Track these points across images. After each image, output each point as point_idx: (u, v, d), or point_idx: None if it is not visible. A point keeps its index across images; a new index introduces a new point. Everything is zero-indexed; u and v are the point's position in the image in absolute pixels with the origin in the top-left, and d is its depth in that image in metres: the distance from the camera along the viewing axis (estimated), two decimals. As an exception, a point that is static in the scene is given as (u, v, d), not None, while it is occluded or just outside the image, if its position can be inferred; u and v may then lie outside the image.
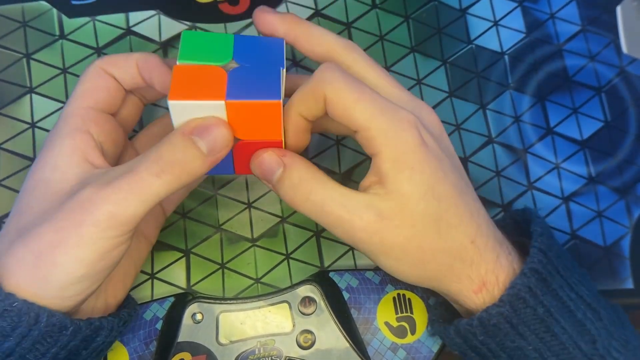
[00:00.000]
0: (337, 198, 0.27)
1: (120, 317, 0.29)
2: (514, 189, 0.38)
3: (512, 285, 0.27)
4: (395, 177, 0.27)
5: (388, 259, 0.28)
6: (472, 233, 0.28)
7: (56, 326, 0.25)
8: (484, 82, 0.40)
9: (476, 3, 0.41)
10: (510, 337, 0.27)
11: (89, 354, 0.28)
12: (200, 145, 0.26)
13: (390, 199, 0.27)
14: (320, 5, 0.40)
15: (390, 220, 0.27)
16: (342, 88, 0.27)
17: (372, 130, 0.27)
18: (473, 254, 0.28)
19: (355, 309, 0.35)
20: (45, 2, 0.39)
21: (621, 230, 0.38)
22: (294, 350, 0.34)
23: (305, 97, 0.28)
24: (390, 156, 0.27)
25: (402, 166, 0.27)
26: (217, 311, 0.34)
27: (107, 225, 0.25)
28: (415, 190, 0.27)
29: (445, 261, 0.28)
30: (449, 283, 0.28)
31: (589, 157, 0.39)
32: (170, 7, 0.39)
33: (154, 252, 0.35)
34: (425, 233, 0.27)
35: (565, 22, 0.41)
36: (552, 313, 0.27)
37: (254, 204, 0.37)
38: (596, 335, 0.27)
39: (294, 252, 0.36)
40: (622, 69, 0.41)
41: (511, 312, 0.27)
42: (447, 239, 0.27)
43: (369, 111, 0.27)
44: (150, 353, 0.33)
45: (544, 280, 0.27)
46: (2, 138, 0.36)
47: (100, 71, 0.30)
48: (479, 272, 0.28)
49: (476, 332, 0.28)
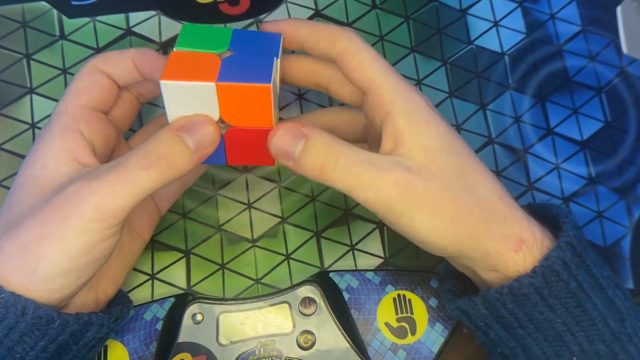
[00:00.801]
0: (366, 159, 0.27)
1: (112, 313, 0.29)
2: (514, 189, 0.38)
3: (546, 257, 0.26)
4: (413, 130, 0.27)
5: (424, 217, 0.27)
6: (497, 189, 0.28)
7: (43, 319, 0.25)
8: (484, 83, 0.40)
9: (476, 3, 0.41)
10: (540, 308, 0.27)
11: (79, 349, 0.28)
12: (188, 142, 0.26)
13: (413, 156, 0.27)
14: (320, 5, 0.40)
15: (420, 174, 0.27)
16: (359, 44, 0.28)
17: (385, 87, 0.27)
18: (505, 210, 0.27)
19: (356, 309, 0.35)
20: (45, 3, 0.39)
21: (621, 230, 0.38)
22: (294, 350, 0.34)
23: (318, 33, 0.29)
24: (404, 110, 0.27)
25: (417, 120, 0.27)
26: (217, 312, 0.34)
27: (93, 217, 0.25)
28: (434, 142, 0.27)
29: (480, 215, 0.27)
30: (486, 241, 0.27)
31: (589, 157, 0.39)
32: (170, 7, 0.39)
33: (154, 252, 0.35)
34: (456, 185, 0.27)
35: (565, 23, 0.41)
36: (585, 288, 0.26)
37: (254, 205, 0.37)
38: (625, 314, 0.27)
39: (294, 252, 0.36)
40: (622, 69, 0.41)
41: (543, 284, 0.26)
42: (476, 193, 0.27)
43: (382, 69, 0.28)
44: (151, 354, 0.33)
45: (579, 255, 0.27)
46: (2, 138, 0.36)
47: (93, 69, 0.30)
48: (514, 229, 0.27)
49: (505, 300, 0.27)
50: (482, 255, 0.27)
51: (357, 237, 0.36)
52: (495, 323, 0.28)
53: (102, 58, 0.30)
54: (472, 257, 0.28)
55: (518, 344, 0.28)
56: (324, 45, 0.29)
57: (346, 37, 0.29)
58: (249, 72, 0.27)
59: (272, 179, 0.37)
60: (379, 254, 0.36)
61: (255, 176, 0.37)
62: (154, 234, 0.35)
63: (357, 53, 0.28)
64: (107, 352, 0.33)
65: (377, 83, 0.28)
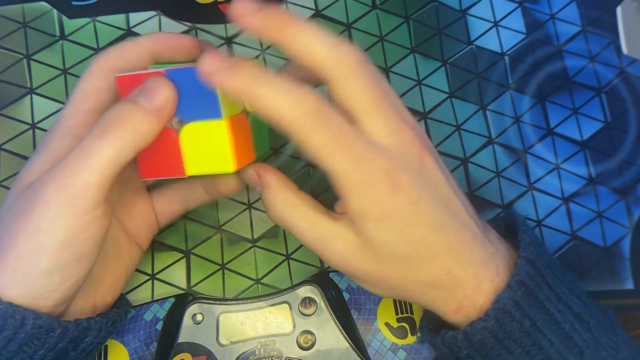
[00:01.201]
0: (308, 227, 0.27)
1: (109, 317, 0.29)
2: (514, 189, 0.38)
3: (497, 299, 0.26)
4: (361, 224, 0.26)
5: (360, 282, 0.29)
6: (447, 266, 0.26)
7: (43, 328, 0.25)
8: (484, 83, 0.40)
9: (476, 4, 0.41)
10: (496, 351, 0.27)
11: (77, 355, 0.27)
12: (141, 102, 0.26)
13: (357, 235, 0.26)
14: (320, 5, 0.40)
15: (356, 254, 0.27)
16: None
17: (342, 182, 0.25)
18: (448, 283, 0.27)
19: (356, 309, 0.35)
20: (45, 3, 0.39)
21: (621, 230, 0.38)
22: (294, 350, 0.34)
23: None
24: (356, 208, 0.25)
25: (368, 217, 0.25)
26: (217, 312, 0.34)
27: (59, 201, 0.24)
28: (381, 237, 0.26)
29: (416, 290, 0.27)
30: (425, 303, 0.28)
31: (589, 157, 0.39)
32: (171, 7, 0.39)
33: (154, 252, 0.35)
34: (392, 270, 0.27)
35: (565, 23, 0.41)
36: (539, 326, 0.26)
37: (254, 205, 0.37)
38: (584, 347, 0.26)
39: (295, 252, 0.36)
40: (622, 69, 0.41)
41: (497, 327, 0.26)
42: (417, 274, 0.27)
43: (343, 164, 0.24)
44: (151, 354, 0.33)
45: (531, 293, 0.26)
46: (3, 139, 0.36)
47: (104, 69, 0.29)
48: (455, 297, 0.27)
49: (461, 345, 0.27)
50: (423, 307, 0.29)
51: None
52: None
53: (113, 53, 0.29)
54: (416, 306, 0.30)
55: None
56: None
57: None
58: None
59: (272, 179, 0.37)
60: (379, 254, 0.36)
61: (256, 176, 0.37)
62: (154, 234, 0.36)
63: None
64: (107, 352, 0.33)
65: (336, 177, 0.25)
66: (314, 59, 0.25)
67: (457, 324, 0.28)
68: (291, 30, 0.24)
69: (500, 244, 0.29)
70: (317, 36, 0.24)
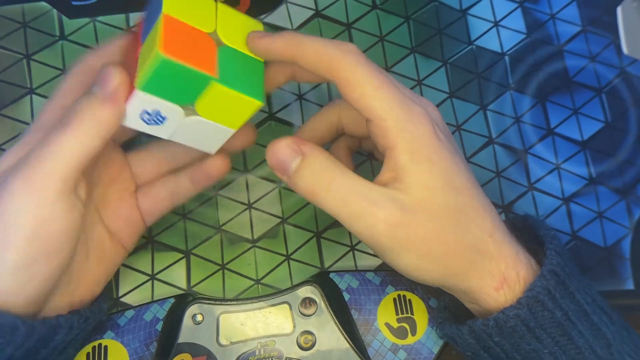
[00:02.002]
0: (360, 189, 0.26)
1: (81, 314, 0.28)
2: (515, 189, 0.38)
3: (530, 288, 0.26)
4: (415, 169, 0.26)
5: (411, 256, 0.27)
6: (489, 227, 0.27)
7: (7, 326, 0.25)
8: (484, 83, 0.40)
9: (477, 4, 0.41)
10: (527, 339, 0.27)
11: (49, 353, 0.27)
12: (96, 91, 0.26)
13: (411, 193, 0.26)
14: (320, 5, 0.40)
15: (414, 213, 0.26)
16: (362, 72, 0.26)
17: (389, 121, 0.26)
18: (492, 248, 0.27)
19: (356, 309, 0.34)
20: (45, 3, 0.39)
21: (622, 231, 0.38)
22: (294, 351, 0.34)
23: (317, 61, 0.27)
24: (408, 148, 0.26)
25: (420, 158, 0.26)
26: (217, 312, 0.34)
27: (22, 193, 0.24)
28: (435, 182, 0.26)
29: (467, 256, 0.27)
30: (470, 279, 0.27)
31: (590, 157, 0.39)
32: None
33: (154, 252, 0.35)
34: (448, 226, 0.27)
35: (565, 23, 0.41)
36: (570, 316, 0.26)
37: (254, 205, 0.37)
38: (611, 339, 0.27)
39: (295, 253, 0.36)
40: (623, 69, 0.41)
41: (529, 315, 0.26)
42: (467, 232, 0.27)
43: (387, 102, 0.26)
44: (151, 354, 0.33)
45: (562, 283, 0.27)
46: (2, 139, 0.36)
47: (86, 67, 0.29)
48: (499, 267, 0.27)
49: (492, 332, 0.27)
50: (464, 291, 0.28)
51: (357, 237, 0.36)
52: (483, 352, 0.28)
53: (98, 52, 0.29)
54: (455, 291, 0.29)
55: None
56: (322, 70, 0.27)
57: (347, 65, 0.26)
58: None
59: (272, 179, 0.37)
60: (379, 254, 0.36)
61: (256, 176, 0.37)
62: (153, 234, 0.36)
63: (359, 84, 0.26)
64: (107, 352, 0.33)
65: (381, 117, 0.26)
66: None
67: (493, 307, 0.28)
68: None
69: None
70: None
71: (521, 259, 0.28)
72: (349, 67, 0.26)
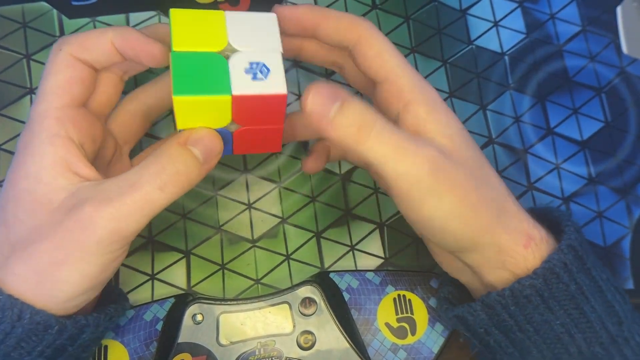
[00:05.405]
0: (400, 131, 0.26)
1: (106, 313, 0.29)
2: (514, 189, 0.38)
3: (548, 259, 0.27)
4: (436, 118, 0.28)
5: (452, 199, 0.26)
6: (505, 189, 0.28)
7: (41, 324, 0.25)
8: (484, 83, 0.40)
9: (476, 3, 0.41)
10: (540, 310, 0.27)
11: (75, 349, 0.28)
12: (197, 154, 0.26)
13: (438, 142, 0.27)
14: (320, 5, 0.40)
15: (449, 157, 0.27)
16: (379, 34, 0.29)
17: (405, 78, 0.28)
18: (514, 208, 0.28)
19: (356, 309, 0.35)
20: (45, 3, 0.39)
21: (621, 230, 0.38)
22: (294, 351, 0.34)
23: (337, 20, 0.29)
24: (424, 101, 0.28)
25: (438, 110, 0.28)
26: (217, 312, 0.34)
27: (110, 241, 0.25)
28: (456, 132, 0.28)
29: (495, 209, 0.27)
30: (501, 235, 0.27)
31: (589, 157, 0.39)
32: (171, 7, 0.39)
33: (154, 252, 0.35)
34: (477, 175, 0.27)
35: (565, 23, 0.41)
36: (584, 291, 0.27)
37: (254, 205, 0.37)
38: (623, 318, 0.27)
39: (294, 252, 0.36)
40: (623, 69, 0.41)
41: (544, 286, 0.26)
42: (490, 187, 0.28)
43: (402, 61, 0.28)
44: (151, 354, 0.33)
45: (580, 258, 0.27)
46: (2, 139, 0.36)
47: (70, 59, 0.28)
48: (523, 225, 0.27)
49: (507, 302, 0.27)
50: (495, 250, 0.27)
51: (357, 237, 0.36)
52: (495, 329, 0.28)
53: (77, 44, 0.28)
54: (485, 251, 0.27)
55: (517, 349, 0.28)
56: (342, 31, 0.29)
57: (366, 26, 0.29)
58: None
59: (272, 179, 0.37)
60: (379, 254, 0.36)
61: (256, 176, 0.37)
62: (154, 234, 0.36)
63: (376, 43, 0.29)
64: (107, 352, 0.33)
65: (397, 74, 0.28)
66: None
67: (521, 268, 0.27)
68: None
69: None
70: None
71: (537, 224, 0.28)
72: (369, 27, 0.29)
